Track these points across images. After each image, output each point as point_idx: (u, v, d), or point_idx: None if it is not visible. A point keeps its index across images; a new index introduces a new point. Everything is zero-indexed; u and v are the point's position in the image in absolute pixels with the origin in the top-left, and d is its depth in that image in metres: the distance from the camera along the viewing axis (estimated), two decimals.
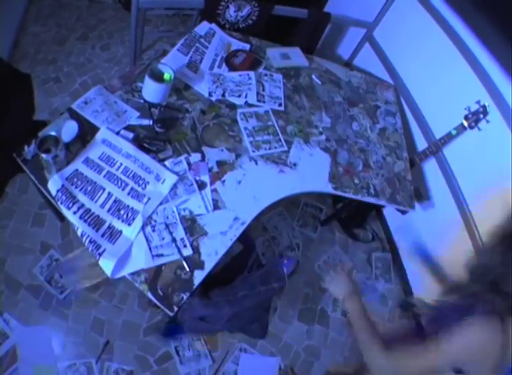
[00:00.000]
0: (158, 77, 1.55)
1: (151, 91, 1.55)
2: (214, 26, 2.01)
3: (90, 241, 1.30)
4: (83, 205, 1.36)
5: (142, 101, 1.61)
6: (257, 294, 1.39)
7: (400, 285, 2.48)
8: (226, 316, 1.41)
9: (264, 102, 1.87)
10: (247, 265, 1.58)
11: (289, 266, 1.42)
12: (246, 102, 1.84)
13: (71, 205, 1.34)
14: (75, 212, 1.33)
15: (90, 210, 1.36)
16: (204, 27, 1.99)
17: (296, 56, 2.16)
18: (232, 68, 1.92)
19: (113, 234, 1.34)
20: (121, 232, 1.35)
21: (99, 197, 1.40)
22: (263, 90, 1.92)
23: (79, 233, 1.31)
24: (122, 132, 1.53)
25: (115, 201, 1.41)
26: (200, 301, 1.33)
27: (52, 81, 2.66)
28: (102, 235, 1.33)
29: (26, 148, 1.40)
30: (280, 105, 1.90)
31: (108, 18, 3.13)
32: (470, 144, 1.87)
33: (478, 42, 1.74)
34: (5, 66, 1.62)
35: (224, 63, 1.93)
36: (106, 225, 1.35)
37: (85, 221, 1.33)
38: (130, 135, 1.51)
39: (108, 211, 1.38)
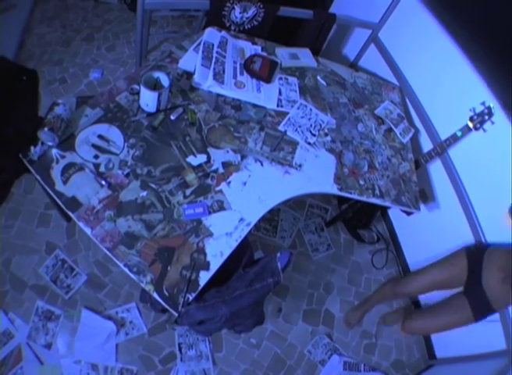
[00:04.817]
0: (152, 85, 1.58)
1: (147, 100, 1.58)
2: (224, 33, 1.99)
3: None
4: None
5: None
6: (253, 291, 1.38)
7: None
8: (224, 317, 1.41)
9: (282, 107, 1.87)
10: (242, 262, 1.57)
11: (284, 259, 1.41)
12: None
13: None
14: None
15: None
16: (213, 35, 1.96)
17: (305, 57, 2.16)
18: (253, 75, 1.90)
19: None
20: None
21: None
22: (280, 94, 1.91)
23: None
24: None
25: None
26: (196, 305, 1.33)
27: (58, 82, 2.67)
28: None
29: (32, 148, 1.40)
30: (298, 108, 1.89)
31: (114, 19, 3.14)
32: (475, 146, 1.87)
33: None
34: (11, 64, 1.62)
35: (245, 71, 1.90)
36: None
37: None
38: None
39: None
